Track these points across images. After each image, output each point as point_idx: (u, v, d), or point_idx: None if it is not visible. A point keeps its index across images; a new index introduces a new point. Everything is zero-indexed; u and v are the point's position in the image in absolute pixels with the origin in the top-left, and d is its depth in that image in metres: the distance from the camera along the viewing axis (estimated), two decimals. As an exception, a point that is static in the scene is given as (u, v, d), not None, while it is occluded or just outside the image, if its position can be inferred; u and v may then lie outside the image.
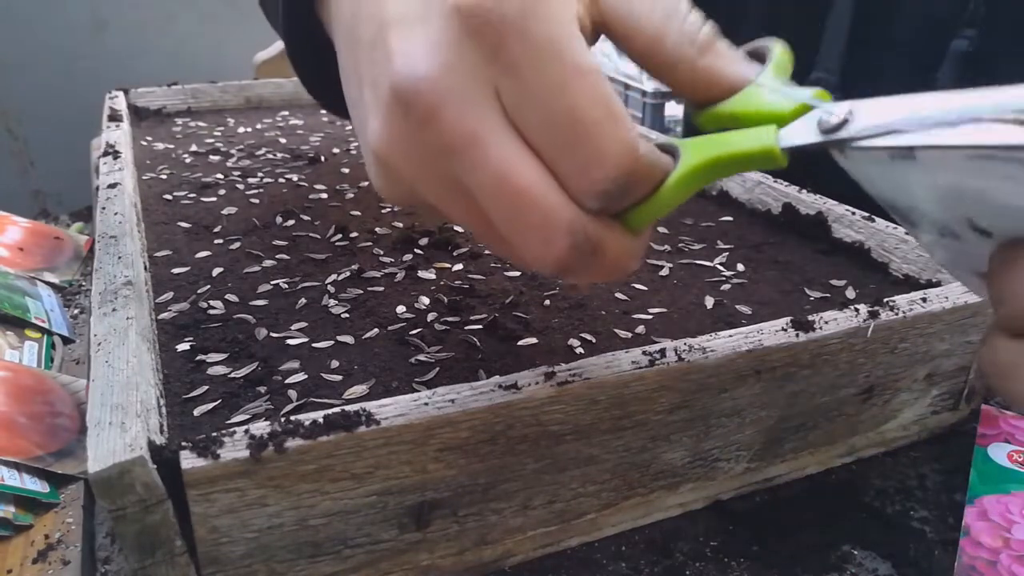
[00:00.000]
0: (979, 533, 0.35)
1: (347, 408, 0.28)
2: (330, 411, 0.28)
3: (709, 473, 0.36)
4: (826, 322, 0.35)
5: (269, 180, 0.62)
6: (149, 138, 0.73)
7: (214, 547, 0.27)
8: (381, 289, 0.44)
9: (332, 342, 0.39)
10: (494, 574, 0.33)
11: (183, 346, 0.38)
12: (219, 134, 0.75)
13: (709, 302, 0.43)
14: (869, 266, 0.46)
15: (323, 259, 0.48)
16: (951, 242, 0.22)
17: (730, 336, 0.34)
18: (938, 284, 0.42)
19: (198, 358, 0.37)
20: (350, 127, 0.78)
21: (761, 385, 0.34)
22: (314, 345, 0.39)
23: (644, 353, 0.32)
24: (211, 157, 0.68)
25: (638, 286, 0.45)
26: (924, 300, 0.37)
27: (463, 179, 0.23)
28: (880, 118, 0.20)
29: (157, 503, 0.26)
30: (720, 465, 0.36)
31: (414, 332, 0.40)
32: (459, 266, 0.48)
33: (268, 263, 0.48)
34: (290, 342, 0.39)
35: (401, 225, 0.53)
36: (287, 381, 0.36)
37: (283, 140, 0.74)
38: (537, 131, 0.23)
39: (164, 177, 0.62)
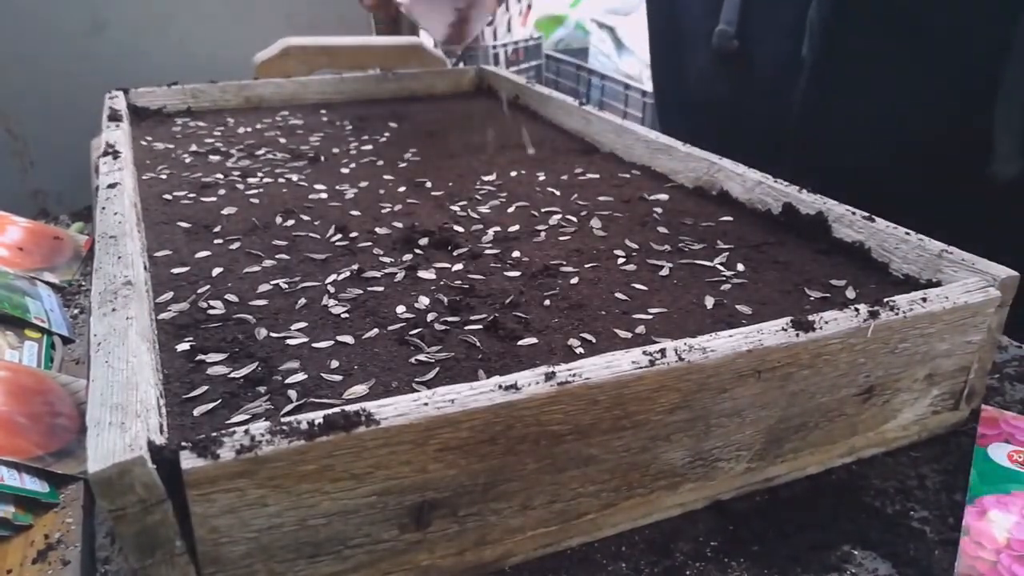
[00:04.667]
0: (979, 533, 0.35)
1: (347, 408, 0.28)
2: (330, 411, 0.28)
3: (709, 473, 0.36)
4: (826, 322, 0.35)
5: (269, 180, 0.62)
6: (149, 138, 0.73)
7: (214, 547, 0.27)
8: (381, 289, 0.44)
9: (332, 342, 0.39)
10: (494, 574, 0.33)
11: (183, 346, 0.38)
12: (219, 134, 0.75)
13: (709, 302, 0.43)
14: (869, 266, 0.46)
15: (323, 259, 0.48)
16: None
17: (730, 336, 0.34)
18: (938, 284, 0.42)
19: (198, 358, 0.37)
20: (350, 126, 0.78)
21: (761, 385, 0.34)
22: (314, 345, 0.39)
23: (644, 353, 0.32)
24: (211, 157, 0.68)
25: (638, 286, 0.45)
26: (924, 300, 0.37)
27: None
28: None
29: (157, 503, 0.26)
30: (720, 465, 0.36)
31: (414, 332, 0.40)
32: (459, 266, 0.48)
33: (268, 263, 0.48)
34: (290, 342, 0.39)
35: (401, 225, 0.53)
36: (287, 381, 0.36)
37: (283, 140, 0.74)
38: None
39: (164, 177, 0.62)
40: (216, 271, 0.46)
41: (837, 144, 0.65)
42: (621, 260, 0.48)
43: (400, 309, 0.42)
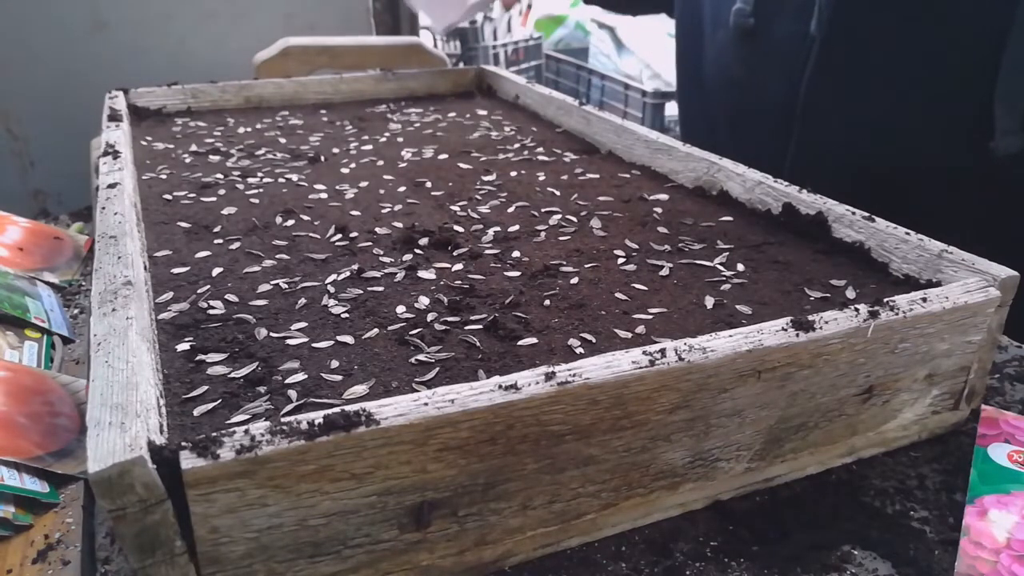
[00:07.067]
0: (979, 533, 0.35)
1: (347, 408, 0.28)
2: (330, 411, 0.28)
3: (709, 473, 0.36)
4: (826, 322, 0.35)
5: (269, 180, 0.62)
6: (149, 138, 0.73)
7: (214, 547, 0.27)
8: (381, 289, 0.44)
9: (332, 342, 0.39)
10: (494, 574, 0.33)
11: (183, 346, 0.38)
12: (219, 134, 0.75)
13: (709, 302, 0.43)
14: (869, 266, 0.46)
15: (323, 259, 0.48)
16: None
17: (730, 336, 0.34)
18: (938, 284, 0.42)
19: (198, 358, 0.37)
20: (350, 127, 0.78)
21: (761, 385, 0.34)
22: (314, 345, 0.39)
23: (644, 353, 0.32)
24: (211, 157, 0.68)
25: (638, 286, 0.45)
26: (924, 300, 0.37)
27: None
28: None
29: (157, 503, 0.26)
30: (720, 465, 0.36)
31: (414, 332, 0.40)
32: (459, 266, 0.48)
33: (268, 263, 0.48)
34: (290, 342, 0.39)
35: (401, 225, 0.53)
36: (287, 381, 0.36)
37: (283, 140, 0.74)
38: None
39: (164, 177, 0.62)
40: (216, 271, 0.46)
41: (842, 121, 0.66)
42: (621, 260, 0.48)
43: (400, 309, 0.42)
